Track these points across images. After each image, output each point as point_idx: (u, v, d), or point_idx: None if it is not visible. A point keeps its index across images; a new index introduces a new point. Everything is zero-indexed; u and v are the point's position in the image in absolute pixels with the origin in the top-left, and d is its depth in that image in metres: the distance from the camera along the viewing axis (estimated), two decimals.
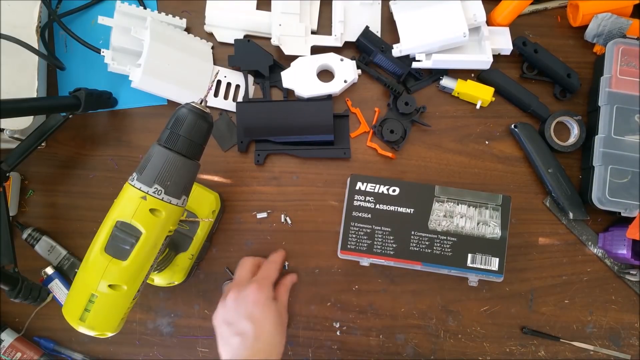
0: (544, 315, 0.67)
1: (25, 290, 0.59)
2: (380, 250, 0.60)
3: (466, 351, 0.66)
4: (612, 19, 0.65)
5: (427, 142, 0.69)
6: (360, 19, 0.68)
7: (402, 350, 0.66)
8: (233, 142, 0.68)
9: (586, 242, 0.67)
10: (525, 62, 0.69)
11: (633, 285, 0.67)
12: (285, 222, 0.68)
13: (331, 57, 0.67)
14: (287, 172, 0.68)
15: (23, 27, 0.64)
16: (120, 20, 0.65)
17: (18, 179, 0.68)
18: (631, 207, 0.62)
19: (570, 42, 0.70)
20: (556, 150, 0.67)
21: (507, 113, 0.69)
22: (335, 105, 0.68)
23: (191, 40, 0.68)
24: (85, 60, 0.69)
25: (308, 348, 0.67)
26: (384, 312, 0.67)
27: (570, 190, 0.66)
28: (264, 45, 0.68)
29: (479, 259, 0.60)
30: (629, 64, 0.64)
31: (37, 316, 0.67)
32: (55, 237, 0.68)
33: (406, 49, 0.65)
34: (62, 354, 0.67)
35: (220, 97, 0.68)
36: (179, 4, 0.70)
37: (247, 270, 0.62)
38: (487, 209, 0.61)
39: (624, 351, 0.66)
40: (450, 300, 0.67)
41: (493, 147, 0.69)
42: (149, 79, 0.63)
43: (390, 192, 0.62)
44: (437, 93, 0.69)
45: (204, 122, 0.47)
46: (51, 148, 0.69)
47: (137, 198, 0.45)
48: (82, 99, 0.61)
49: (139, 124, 0.69)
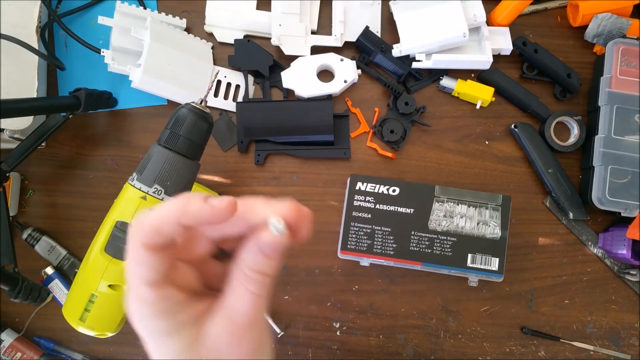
0: (544, 315, 0.67)
1: (25, 290, 0.59)
2: (380, 250, 0.60)
3: (466, 351, 0.66)
4: (612, 19, 0.65)
5: (427, 142, 0.69)
6: (360, 19, 0.68)
7: (402, 350, 0.66)
8: (233, 142, 0.68)
9: (586, 242, 0.67)
10: (525, 62, 0.69)
11: (633, 285, 0.67)
12: None
13: (331, 57, 0.67)
14: (287, 172, 0.68)
15: (23, 27, 0.64)
16: (120, 20, 0.65)
17: (18, 179, 0.68)
18: (631, 207, 0.62)
19: (570, 42, 0.70)
20: (556, 150, 0.67)
21: (507, 113, 0.69)
22: (335, 105, 0.68)
23: (191, 40, 0.68)
24: (85, 60, 0.69)
25: (308, 348, 0.67)
26: (384, 312, 0.67)
27: (570, 190, 0.66)
28: (264, 45, 0.68)
29: (479, 259, 0.60)
30: (629, 64, 0.64)
31: (37, 316, 0.67)
32: (55, 237, 0.68)
33: (406, 49, 0.65)
34: (62, 354, 0.67)
35: (220, 97, 0.68)
36: (179, 4, 0.70)
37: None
38: (487, 209, 0.61)
39: (624, 351, 0.66)
40: (450, 300, 0.67)
41: (493, 147, 0.69)
42: (149, 79, 0.63)
43: (390, 192, 0.62)
44: (437, 93, 0.69)
45: (204, 122, 0.47)
46: (51, 148, 0.69)
47: (137, 198, 0.45)
48: (82, 99, 0.61)
49: (139, 124, 0.69)
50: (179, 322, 0.26)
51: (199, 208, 0.24)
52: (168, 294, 0.25)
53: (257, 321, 0.27)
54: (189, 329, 0.26)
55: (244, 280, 0.26)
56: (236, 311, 0.26)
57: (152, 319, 0.25)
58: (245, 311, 0.26)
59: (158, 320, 0.25)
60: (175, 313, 0.26)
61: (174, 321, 0.26)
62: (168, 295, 0.25)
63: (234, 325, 0.26)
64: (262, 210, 0.25)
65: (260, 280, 0.26)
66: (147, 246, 0.24)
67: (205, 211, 0.24)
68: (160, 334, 0.26)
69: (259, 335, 0.27)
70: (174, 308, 0.25)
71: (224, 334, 0.26)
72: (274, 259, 0.26)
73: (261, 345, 0.27)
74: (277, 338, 0.66)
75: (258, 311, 0.26)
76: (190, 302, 0.26)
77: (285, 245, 0.25)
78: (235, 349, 0.26)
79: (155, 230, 0.24)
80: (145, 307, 0.25)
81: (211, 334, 0.26)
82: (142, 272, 0.25)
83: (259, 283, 0.26)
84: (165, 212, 0.24)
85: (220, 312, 0.26)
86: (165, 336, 0.26)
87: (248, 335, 0.26)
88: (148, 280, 0.25)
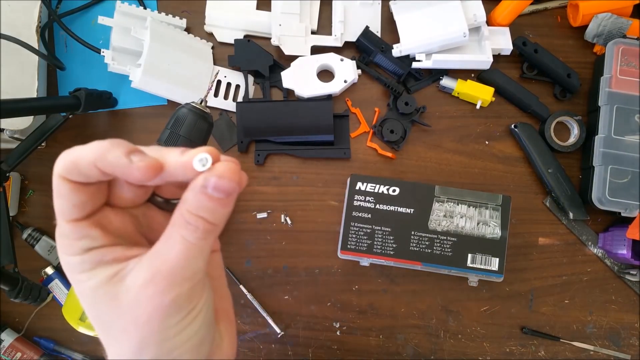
0: (544, 315, 0.67)
1: (25, 290, 0.59)
2: (380, 250, 0.60)
3: (466, 351, 0.66)
4: (612, 19, 0.65)
5: (427, 142, 0.69)
6: (360, 19, 0.68)
7: (402, 350, 0.66)
8: (233, 142, 0.68)
9: (586, 242, 0.67)
10: (525, 62, 0.69)
11: (633, 285, 0.67)
12: (285, 222, 0.68)
13: (331, 57, 0.67)
14: (287, 172, 0.68)
15: (23, 27, 0.64)
16: (120, 20, 0.65)
17: (18, 179, 0.68)
18: (631, 207, 0.62)
19: (570, 42, 0.70)
20: (556, 150, 0.67)
21: (507, 113, 0.69)
22: (335, 105, 0.68)
23: (191, 40, 0.68)
24: (85, 60, 0.69)
25: (308, 348, 0.67)
26: (384, 312, 0.67)
27: (570, 190, 0.66)
28: (264, 45, 0.68)
29: (479, 259, 0.60)
30: (629, 64, 0.64)
31: (37, 316, 0.67)
32: (55, 237, 0.68)
33: (406, 49, 0.65)
34: (62, 354, 0.67)
35: (220, 97, 0.68)
36: (179, 4, 0.70)
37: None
38: (487, 209, 0.61)
39: (624, 351, 0.66)
40: (450, 300, 0.67)
41: (493, 147, 0.69)
42: (149, 79, 0.63)
43: (390, 192, 0.62)
44: (437, 93, 0.69)
45: (204, 122, 0.47)
46: (51, 148, 0.69)
47: None
48: (82, 99, 0.61)
49: (139, 124, 0.69)
50: (96, 261, 0.24)
51: (116, 159, 0.22)
52: (89, 234, 0.24)
53: (187, 275, 0.23)
54: (106, 268, 0.24)
55: (180, 225, 0.23)
56: (164, 258, 0.23)
57: (71, 256, 0.24)
58: (173, 260, 0.23)
59: (76, 257, 0.24)
60: (94, 252, 0.24)
61: (91, 260, 0.24)
62: (89, 234, 0.24)
63: (158, 273, 0.23)
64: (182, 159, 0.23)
65: (198, 227, 0.23)
66: (64, 179, 0.24)
67: (122, 165, 0.22)
68: (78, 272, 0.24)
69: (187, 291, 0.24)
70: (94, 248, 0.24)
71: (144, 279, 0.23)
72: (218, 203, 0.23)
73: (189, 303, 0.24)
74: (277, 338, 0.66)
75: (190, 263, 0.23)
76: (116, 247, 0.25)
77: (230, 187, 0.23)
78: (155, 299, 0.23)
79: (72, 165, 0.23)
80: (66, 243, 0.24)
81: (131, 277, 0.23)
82: (62, 205, 0.24)
83: (195, 229, 0.23)
84: (85, 151, 0.23)
85: (148, 256, 0.24)
86: (82, 273, 0.24)
87: (172, 287, 0.23)
88: (67, 215, 0.24)
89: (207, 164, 0.23)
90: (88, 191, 0.24)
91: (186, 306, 0.24)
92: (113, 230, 0.25)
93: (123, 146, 0.23)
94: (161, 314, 0.23)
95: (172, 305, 0.23)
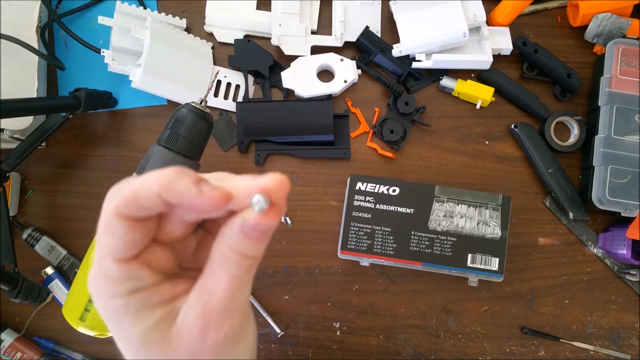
0: (544, 315, 0.67)
1: (25, 290, 0.59)
2: (380, 250, 0.60)
3: (466, 351, 0.66)
4: (612, 19, 0.65)
5: (427, 142, 0.69)
6: (360, 19, 0.68)
7: (402, 350, 0.66)
8: (233, 142, 0.68)
9: (586, 242, 0.67)
10: (525, 62, 0.69)
11: (633, 285, 0.67)
12: (285, 222, 0.68)
13: (331, 57, 0.67)
14: (287, 172, 0.68)
15: (23, 27, 0.64)
16: (120, 20, 0.65)
17: (18, 179, 0.68)
18: (631, 207, 0.62)
19: (570, 42, 0.70)
20: (556, 150, 0.67)
21: (507, 113, 0.69)
22: (335, 105, 0.68)
23: (191, 40, 0.68)
24: (85, 60, 0.69)
25: (308, 348, 0.67)
26: (384, 312, 0.67)
27: (570, 190, 0.66)
28: (264, 45, 0.68)
29: (479, 259, 0.60)
30: (629, 64, 0.64)
31: (37, 316, 0.67)
32: (55, 237, 0.68)
33: (406, 49, 0.65)
34: (62, 354, 0.67)
35: (220, 97, 0.68)
36: (179, 4, 0.70)
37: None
38: (487, 209, 0.61)
39: (624, 351, 0.66)
40: (450, 300, 0.67)
41: (493, 147, 0.69)
42: (149, 79, 0.63)
43: (390, 192, 0.62)
44: (437, 93, 0.69)
45: (204, 122, 0.47)
46: (51, 148, 0.69)
47: None
48: (82, 99, 0.61)
49: (139, 124, 0.69)
50: (143, 304, 0.23)
51: (186, 189, 0.21)
52: (137, 274, 0.23)
53: (236, 307, 0.23)
54: (154, 311, 0.23)
55: (223, 261, 0.23)
56: (212, 294, 0.23)
57: (114, 298, 0.22)
58: (222, 294, 0.23)
59: (121, 299, 0.22)
60: (141, 294, 0.23)
61: (138, 302, 0.22)
62: (137, 275, 0.23)
63: (208, 309, 0.23)
64: (245, 189, 0.22)
65: (241, 263, 0.23)
66: (122, 215, 0.22)
67: (191, 196, 0.21)
68: (122, 315, 0.23)
69: (238, 323, 0.24)
70: (140, 289, 0.23)
71: (196, 317, 0.23)
72: (257, 240, 0.23)
73: (240, 334, 0.24)
74: (277, 338, 0.66)
75: (237, 295, 0.23)
76: (162, 285, 0.24)
77: (269, 227, 0.22)
78: (210, 335, 0.23)
79: (133, 199, 0.22)
80: (109, 285, 0.22)
81: (181, 317, 0.23)
82: (112, 244, 0.22)
83: (239, 265, 0.23)
84: (148, 181, 0.21)
85: (195, 294, 0.23)
86: (127, 317, 0.23)
87: (224, 321, 0.23)
88: (117, 255, 0.22)
89: (262, 207, 0.22)
90: (144, 228, 0.23)
91: (237, 338, 0.24)
92: (159, 268, 0.24)
93: (190, 175, 0.22)
94: (217, 348, 0.23)
95: (226, 339, 0.23)
